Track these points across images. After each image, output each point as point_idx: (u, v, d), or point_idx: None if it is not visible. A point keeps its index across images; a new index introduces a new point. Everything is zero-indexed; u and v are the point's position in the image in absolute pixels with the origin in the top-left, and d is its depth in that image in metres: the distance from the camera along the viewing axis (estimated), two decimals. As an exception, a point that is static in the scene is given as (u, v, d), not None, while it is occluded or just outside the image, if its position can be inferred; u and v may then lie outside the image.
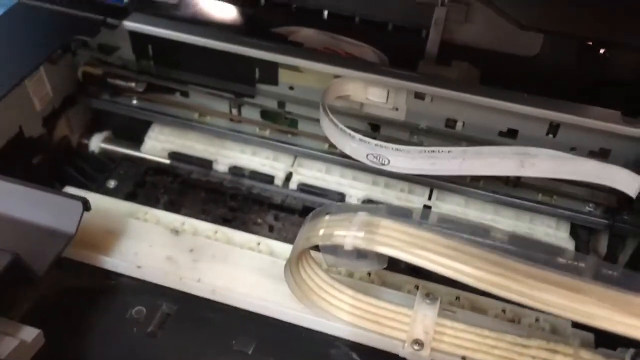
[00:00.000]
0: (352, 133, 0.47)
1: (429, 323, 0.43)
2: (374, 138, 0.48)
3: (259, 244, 0.50)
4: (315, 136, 0.56)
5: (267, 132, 0.58)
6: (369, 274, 0.48)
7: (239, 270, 0.47)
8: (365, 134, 0.48)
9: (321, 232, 0.39)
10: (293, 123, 0.57)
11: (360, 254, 0.40)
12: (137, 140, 0.60)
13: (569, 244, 0.52)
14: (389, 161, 0.47)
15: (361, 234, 0.38)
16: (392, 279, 0.48)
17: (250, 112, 0.57)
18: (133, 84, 0.57)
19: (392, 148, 0.47)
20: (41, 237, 0.39)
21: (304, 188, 0.56)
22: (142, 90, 0.57)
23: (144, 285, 0.48)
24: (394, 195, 0.55)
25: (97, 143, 0.59)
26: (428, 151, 0.46)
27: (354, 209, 0.40)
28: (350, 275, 0.48)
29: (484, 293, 0.47)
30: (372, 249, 0.38)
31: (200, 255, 0.48)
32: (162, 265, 0.47)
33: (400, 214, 0.40)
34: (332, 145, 0.57)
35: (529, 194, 0.53)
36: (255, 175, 0.57)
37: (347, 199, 0.56)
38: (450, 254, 0.37)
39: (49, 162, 0.56)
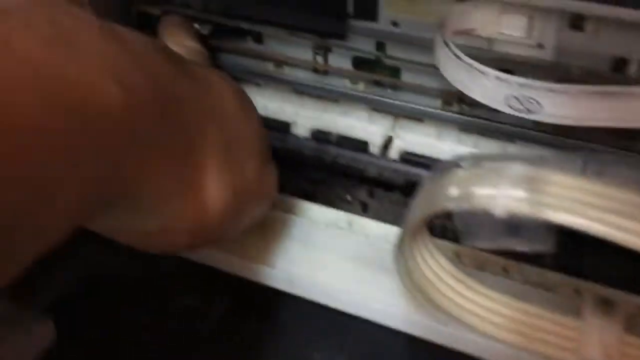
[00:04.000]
0: (485, 68, 0.34)
1: (611, 339, 0.28)
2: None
3: (350, 223, 0.37)
4: (423, 89, 0.43)
5: (360, 86, 0.45)
6: (505, 269, 0.34)
7: (326, 253, 0.34)
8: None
9: (455, 190, 0.26)
10: (395, 72, 0.44)
11: (512, 227, 0.26)
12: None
13: None
14: (540, 106, 0.33)
15: (521, 193, 0.24)
16: (537, 277, 0.34)
17: (340, 60, 0.45)
18: (197, 26, 0.46)
19: (546, 87, 0.33)
20: None
21: (407, 157, 0.43)
22: (207, 33, 0.46)
23: (195, 272, 0.36)
24: (531, 167, 0.41)
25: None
26: (604, 91, 0.32)
27: (501, 159, 0.27)
28: (481, 267, 0.34)
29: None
30: (542, 215, 0.24)
31: (272, 232, 0.36)
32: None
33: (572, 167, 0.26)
34: (446, 102, 0.44)
35: None
36: (345, 140, 0.45)
37: (466, 172, 0.42)
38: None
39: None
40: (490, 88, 0.34)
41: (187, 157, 0.26)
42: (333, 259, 0.34)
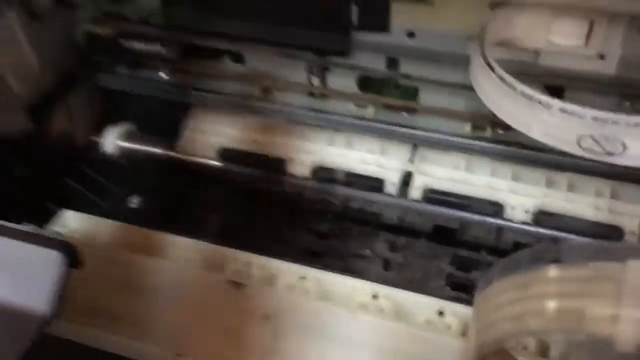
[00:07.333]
0: (547, 99, 0.26)
1: None
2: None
3: (375, 296, 0.29)
4: (447, 112, 0.35)
5: (368, 111, 0.37)
6: None
7: (353, 352, 0.26)
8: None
9: (550, 306, 0.18)
10: (410, 93, 0.36)
11: None
12: (170, 135, 0.40)
13: None
14: (624, 147, 0.25)
15: (661, 317, 0.17)
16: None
17: (342, 80, 0.36)
18: (161, 47, 0.37)
19: (633, 123, 0.25)
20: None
21: (433, 196, 0.35)
22: (174, 56, 0.37)
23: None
24: (589, 204, 0.33)
25: (112, 140, 0.40)
26: None
27: (616, 253, 0.19)
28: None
29: None
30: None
31: (281, 325, 0.27)
32: (218, 348, 0.27)
33: None
34: (477, 126, 0.36)
35: None
36: (354, 179, 0.37)
37: (508, 213, 0.34)
38: None
39: (40, 173, 0.37)
40: (554, 125, 0.26)
41: None
42: (364, 355, 0.26)
